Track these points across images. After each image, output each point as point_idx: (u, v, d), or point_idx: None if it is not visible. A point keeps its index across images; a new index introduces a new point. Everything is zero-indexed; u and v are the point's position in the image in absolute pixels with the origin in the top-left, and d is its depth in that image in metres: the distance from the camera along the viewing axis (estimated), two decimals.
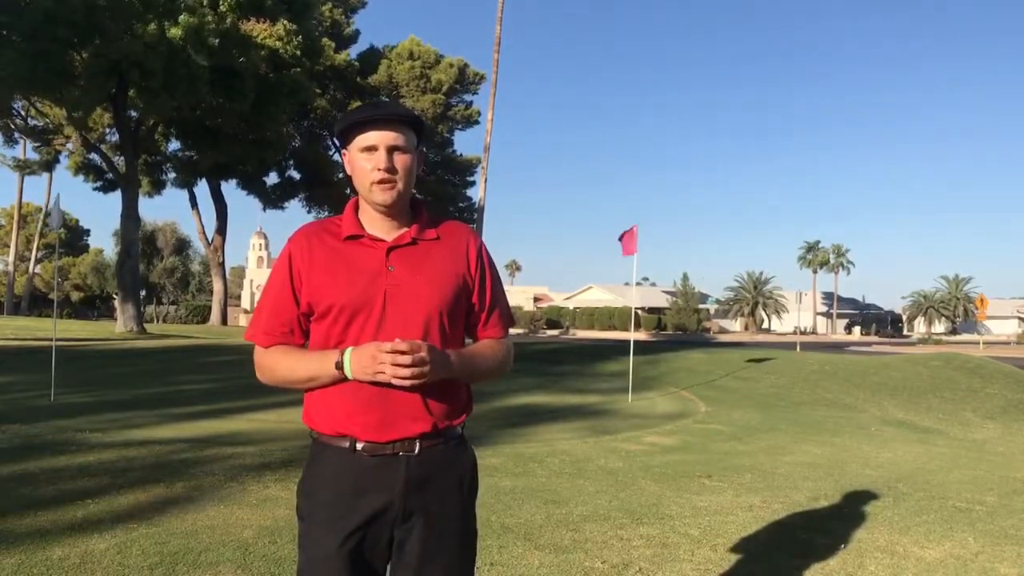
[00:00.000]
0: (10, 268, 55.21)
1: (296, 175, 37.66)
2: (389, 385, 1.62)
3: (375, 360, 1.58)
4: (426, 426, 1.70)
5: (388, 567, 1.74)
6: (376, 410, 1.67)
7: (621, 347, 18.73)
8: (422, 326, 1.70)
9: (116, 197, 29.24)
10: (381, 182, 1.68)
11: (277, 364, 1.74)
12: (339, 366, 1.64)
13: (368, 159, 1.69)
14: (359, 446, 1.68)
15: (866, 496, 5.49)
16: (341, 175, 35.53)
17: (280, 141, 29.36)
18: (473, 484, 1.83)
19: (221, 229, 36.81)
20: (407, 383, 1.59)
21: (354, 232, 1.74)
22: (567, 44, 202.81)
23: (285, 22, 23.46)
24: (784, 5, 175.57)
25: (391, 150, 1.69)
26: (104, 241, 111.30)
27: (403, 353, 1.57)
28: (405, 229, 1.77)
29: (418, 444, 1.70)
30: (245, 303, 70.46)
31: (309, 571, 1.70)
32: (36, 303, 60.45)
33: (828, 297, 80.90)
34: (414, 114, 1.77)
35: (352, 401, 1.68)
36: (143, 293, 44.51)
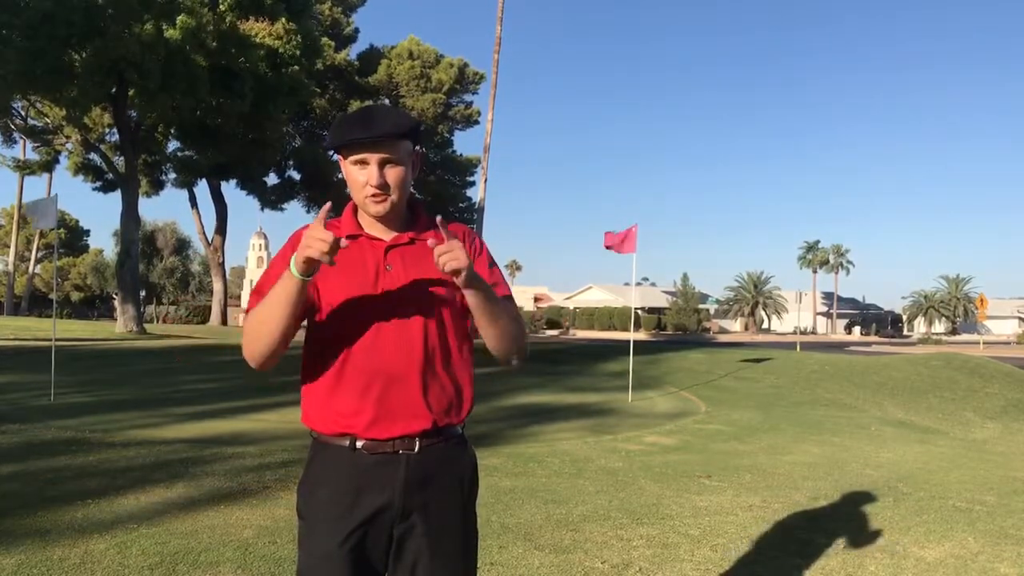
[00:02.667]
0: (10, 268, 55.20)
1: (296, 175, 37.65)
2: (386, 380, 1.63)
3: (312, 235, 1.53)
4: (426, 423, 1.70)
5: (388, 566, 1.74)
6: (375, 408, 1.68)
7: (621, 347, 18.72)
8: (421, 324, 1.70)
9: (116, 197, 29.21)
10: (373, 196, 1.68)
11: (253, 316, 1.69)
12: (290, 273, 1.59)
13: (361, 172, 1.68)
14: (359, 444, 1.69)
15: (866, 496, 5.49)
16: (340, 176, 35.45)
17: (280, 141, 29.34)
18: (473, 483, 1.83)
19: (221, 229, 36.80)
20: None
21: (352, 232, 1.74)
22: (567, 44, 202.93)
23: (284, 21, 23.44)
24: (784, 5, 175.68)
25: (383, 164, 1.67)
26: (104, 241, 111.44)
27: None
28: (403, 231, 1.77)
29: (418, 442, 1.70)
30: (245, 303, 70.46)
31: (309, 570, 1.70)
32: (36, 303, 60.43)
33: (828, 297, 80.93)
34: (407, 127, 1.69)
35: (351, 399, 1.68)
36: (143, 293, 44.48)
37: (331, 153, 1.79)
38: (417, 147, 1.77)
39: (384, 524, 1.69)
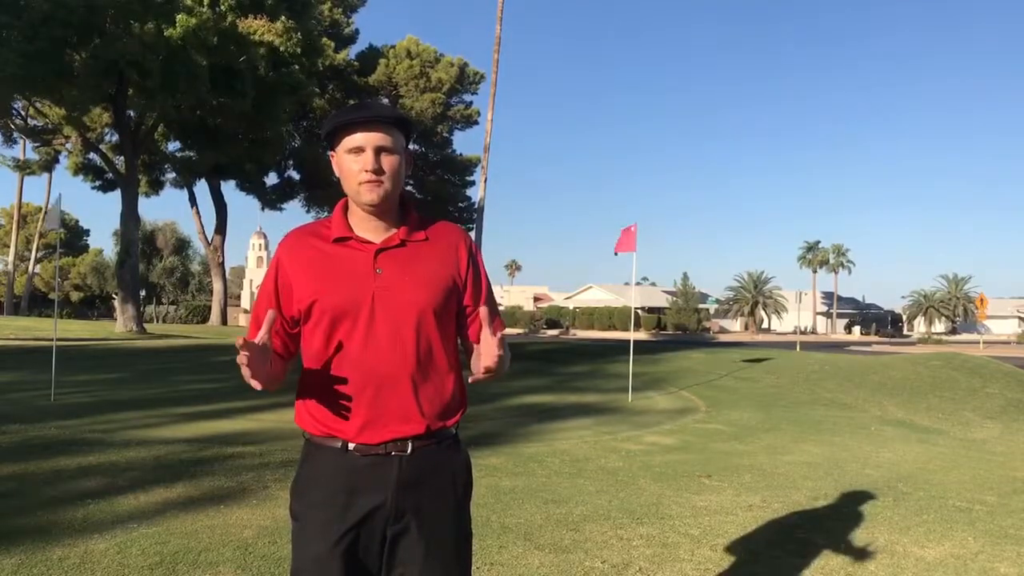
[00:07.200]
0: (10, 268, 55.19)
1: (295, 175, 37.71)
2: (378, 384, 1.64)
3: None
4: (418, 428, 1.70)
5: (381, 567, 1.73)
6: (367, 412, 1.67)
7: (621, 347, 18.72)
8: (413, 328, 1.69)
9: (116, 197, 29.24)
10: (368, 182, 1.68)
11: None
12: None
13: (355, 160, 1.68)
14: (351, 446, 1.69)
15: (866, 496, 5.49)
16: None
17: (280, 141, 29.35)
18: (467, 484, 1.83)
19: (221, 229, 36.83)
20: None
21: (342, 234, 1.74)
22: (567, 43, 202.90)
23: (284, 19, 23.43)
24: (782, 4, 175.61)
25: (378, 151, 1.68)
26: (104, 241, 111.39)
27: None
28: (394, 230, 1.75)
29: (410, 444, 1.70)
30: (245, 303, 70.45)
31: (302, 571, 1.69)
32: (36, 303, 60.43)
33: (828, 297, 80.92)
34: (401, 114, 1.75)
35: (342, 403, 1.68)
36: (143, 293, 44.50)
37: (328, 152, 1.80)
38: (409, 145, 1.77)
39: (377, 525, 1.69)
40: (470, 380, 1.72)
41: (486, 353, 1.62)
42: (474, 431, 7.86)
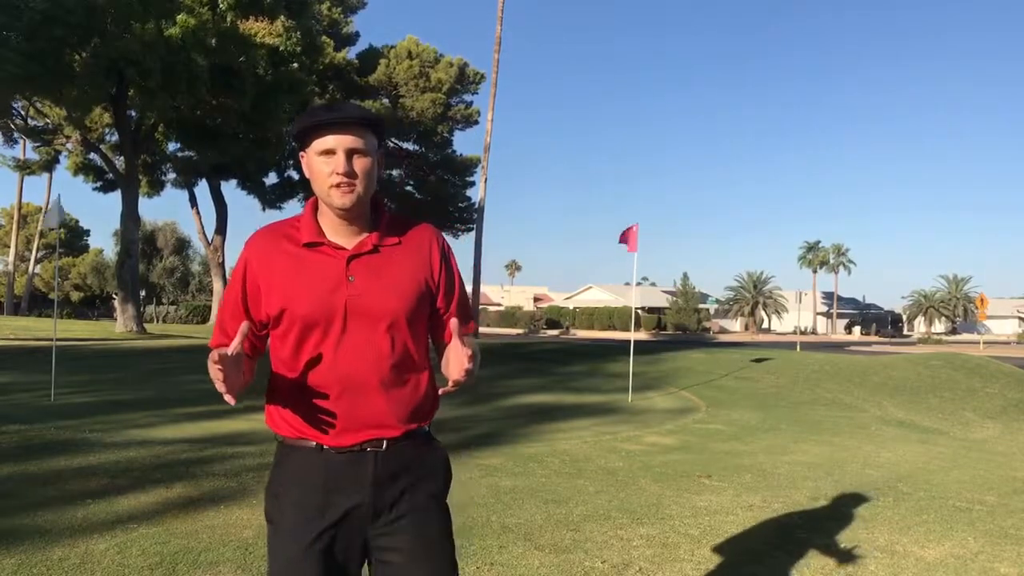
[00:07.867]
0: (10, 268, 55.17)
1: (295, 175, 37.64)
2: (352, 391, 1.65)
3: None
4: (393, 432, 1.69)
5: (363, 568, 1.72)
6: (340, 419, 1.66)
7: (621, 347, 18.71)
8: (387, 335, 1.67)
9: (116, 197, 29.21)
10: (339, 186, 1.63)
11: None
12: None
13: (327, 162, 1.64)
14: (325, 446, 1.68)
15: (866, 496, 5.49)
16: None
17: (280, 140, 29.35)
18: (446, 480, 1.81)
19: (221, 229, 36.81)
20: None
21: (313, 239, 1.69)
22: (568, 43, 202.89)
23: (283, 19, 23.42)
24: (782, 4, 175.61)
25: (350, 153, 1.64)
26: (104, 241, 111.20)
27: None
28: (366, 234, 1.72)
29: (385, 442, 1.69)
30: None
31: (280, 574, 1.67)
32: (36, 303, 60.36)
33: (828, 297, 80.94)
34: (373, 115, 1.71)
35: (314, 409, 1.66)
36: (143, 293, 44.51)
37: (299, 152, 1.76)
38: (382, 148, 1.73)
39: (356, 525, 1.67)
40: (440, 392, 1.70)
41: (455, 366, 1.60)
42: (474, 431, 7.86)
